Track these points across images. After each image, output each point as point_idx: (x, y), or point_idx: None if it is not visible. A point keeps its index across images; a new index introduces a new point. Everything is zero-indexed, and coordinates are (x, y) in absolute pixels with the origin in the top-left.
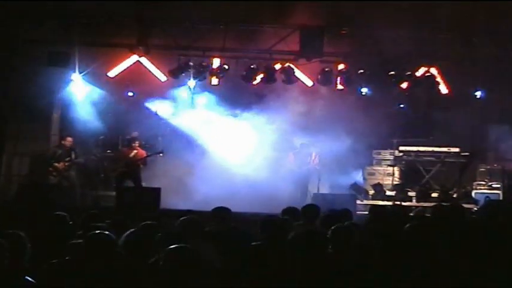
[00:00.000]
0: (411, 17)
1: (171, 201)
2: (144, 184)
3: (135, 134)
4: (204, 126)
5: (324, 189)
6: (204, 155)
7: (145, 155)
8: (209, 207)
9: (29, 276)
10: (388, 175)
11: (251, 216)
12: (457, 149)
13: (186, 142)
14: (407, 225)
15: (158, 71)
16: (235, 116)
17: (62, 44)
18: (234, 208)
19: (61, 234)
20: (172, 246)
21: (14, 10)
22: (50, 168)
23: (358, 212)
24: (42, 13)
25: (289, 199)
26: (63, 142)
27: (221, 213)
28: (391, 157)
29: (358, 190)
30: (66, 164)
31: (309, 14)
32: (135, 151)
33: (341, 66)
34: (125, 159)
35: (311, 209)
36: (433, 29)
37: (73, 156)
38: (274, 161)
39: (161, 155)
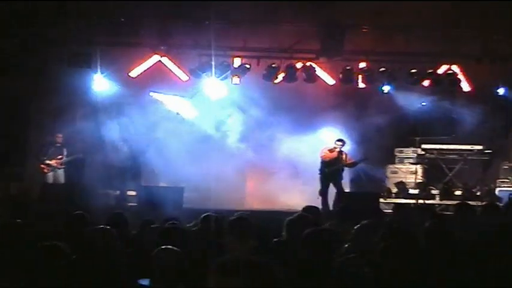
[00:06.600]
0: (432, 15)
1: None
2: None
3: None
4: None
5: (346, 187)
6: (224, 153)
7: None
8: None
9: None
10: (411, 173)
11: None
12: (480, 147)
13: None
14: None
15: (180, 70)
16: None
17: (82, 45)
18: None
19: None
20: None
21: (33, 10)
22: (42, 165)
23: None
24: (63, 13)
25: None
26: (54, 139)
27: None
28: (414, 155)
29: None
30: (58, 160)
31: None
32: None
33: (362, 65)
34: None
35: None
36: (453, 26)
37: (65, 153)
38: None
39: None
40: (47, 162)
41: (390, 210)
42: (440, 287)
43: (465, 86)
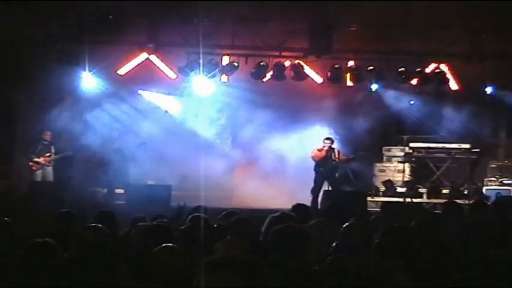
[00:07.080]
0: (420, 14)
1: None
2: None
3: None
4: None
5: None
6: (213, 151)
7: None
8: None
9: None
10: (399, 172)
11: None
12: (467, 145)
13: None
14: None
15: (168, 68)
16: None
17: (71, 42)
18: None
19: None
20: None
21: (22, 8)
22: (31, 163)
23: (368, 209)
24: (51, 11)
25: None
26: (42, 137)
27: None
28: (402, 154)
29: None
30: (47, 158)
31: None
32: None
33: (351, 63)
34: None
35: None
36: (442, 25)
37: (53, 150)
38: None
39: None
40: (36, 159)
41: (378, 209)
42: (429, 285)
43: (453, 85)
